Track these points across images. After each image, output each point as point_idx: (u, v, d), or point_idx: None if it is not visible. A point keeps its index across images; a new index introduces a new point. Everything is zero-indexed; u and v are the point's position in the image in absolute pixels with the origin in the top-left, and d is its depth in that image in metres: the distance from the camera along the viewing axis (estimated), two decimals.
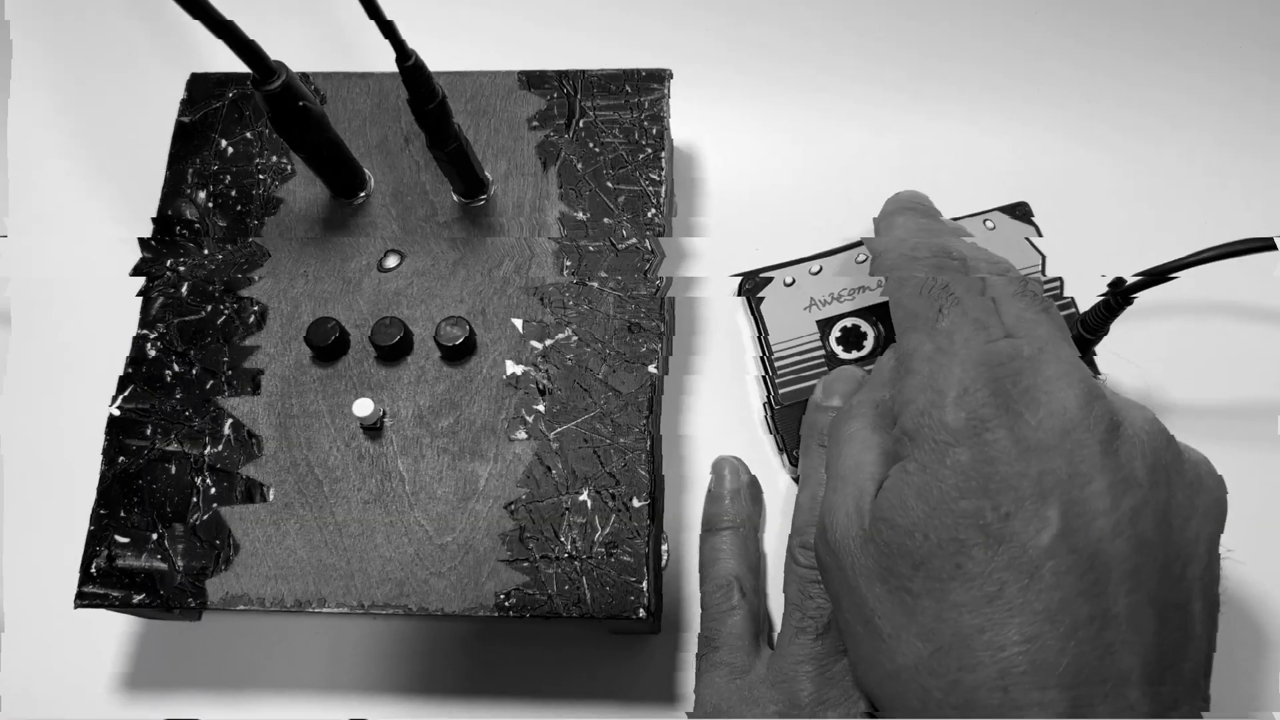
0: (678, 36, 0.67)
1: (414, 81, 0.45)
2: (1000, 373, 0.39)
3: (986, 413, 0.38)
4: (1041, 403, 0.38)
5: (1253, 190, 0.62)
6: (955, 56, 0.66)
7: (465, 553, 0.47)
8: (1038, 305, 0.42)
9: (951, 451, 0.38)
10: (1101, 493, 0.37)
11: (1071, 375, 0.39)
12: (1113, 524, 0.37)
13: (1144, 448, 0.38)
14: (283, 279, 0.52)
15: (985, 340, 0.40)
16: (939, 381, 0.40)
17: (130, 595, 0.47)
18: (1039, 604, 0.36)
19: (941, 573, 0.38)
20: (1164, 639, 0.37)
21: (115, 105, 0.68)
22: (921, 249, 0.45)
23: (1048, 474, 0.37)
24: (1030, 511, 0.37)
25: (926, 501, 0.38)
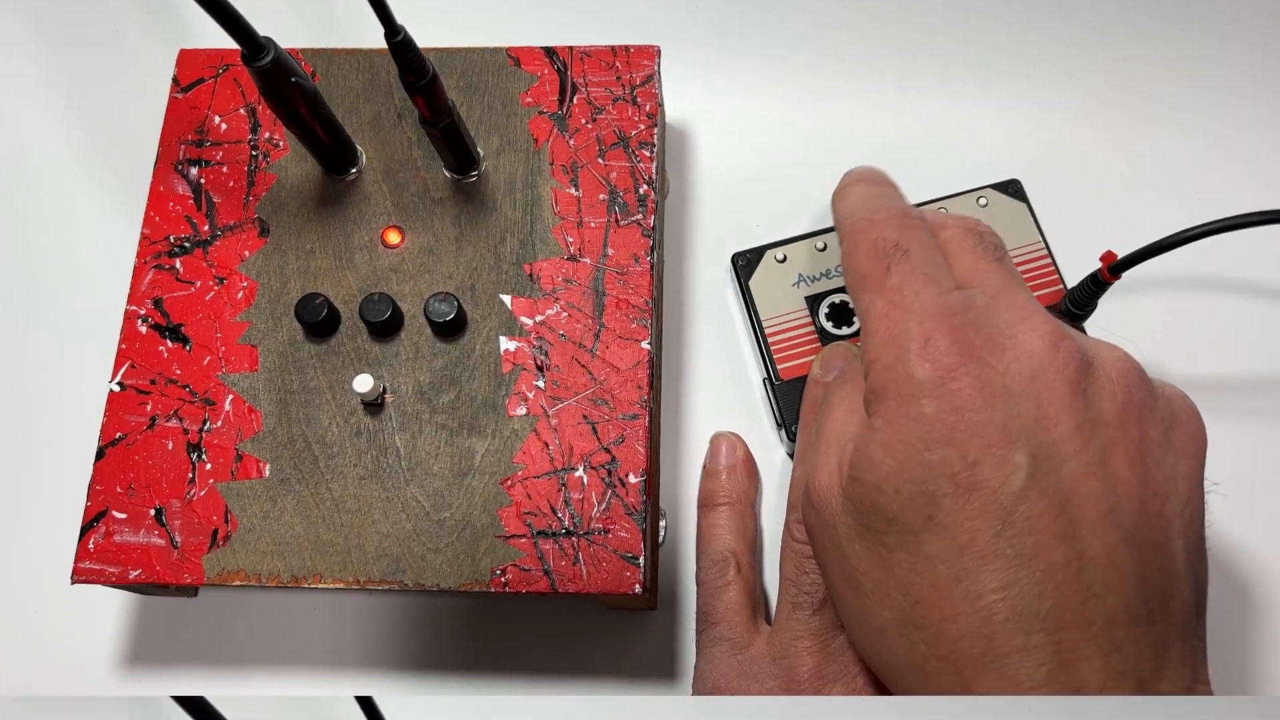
0: (669, 15, 0.67)
1: (403, 58, 0.45)
2: (958, 321, 0.39)
3: (950, 361, 0.38)
4: (1006, 347, 0.38)
5: (1244, 167, 0.62)
6: (948, 34, 0.66)
7: (462, 528, 0.47)
8: (990, 255, 0.43)
9: (917, 403, 0.38)
10: (1070, 434, 0.37)
11: (1032, 318, 0.39)
12: (1084, 465, 0.37)
13: (1114, 386, 0.38)
14: (273, 255, 0.52)
15: (937, 292, 0.40)
16: (898, 335, 0.40)
17: (127, 571, 0.48)
18: (1011, 549, 0.36)
19: (914, 525, 0.38)
20: (1145, 578, 0.36)
21: (104, 82, 0.68)
22: (880, 211, 0.45)
23: (1014, 419, 0.37)
24: (998, 457, 0.37)
25: (893, 455, 0.38)
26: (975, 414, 0.37)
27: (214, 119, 0.55)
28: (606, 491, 0.48)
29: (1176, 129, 0.63)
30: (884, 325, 0.40)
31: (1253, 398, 0.57)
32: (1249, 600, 0.54)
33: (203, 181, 0.54)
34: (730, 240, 0.60)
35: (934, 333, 0.39)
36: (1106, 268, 0.50)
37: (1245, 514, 0.55)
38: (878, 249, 0.43)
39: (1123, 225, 0.60)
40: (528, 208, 0.53)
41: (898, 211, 0.44)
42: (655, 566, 0.52)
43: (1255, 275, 0.59)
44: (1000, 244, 0.44)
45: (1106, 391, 0.38)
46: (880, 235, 0.43)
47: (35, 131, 0.67)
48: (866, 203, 0.46)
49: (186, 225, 0.53)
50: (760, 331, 0.56)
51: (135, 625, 0.56)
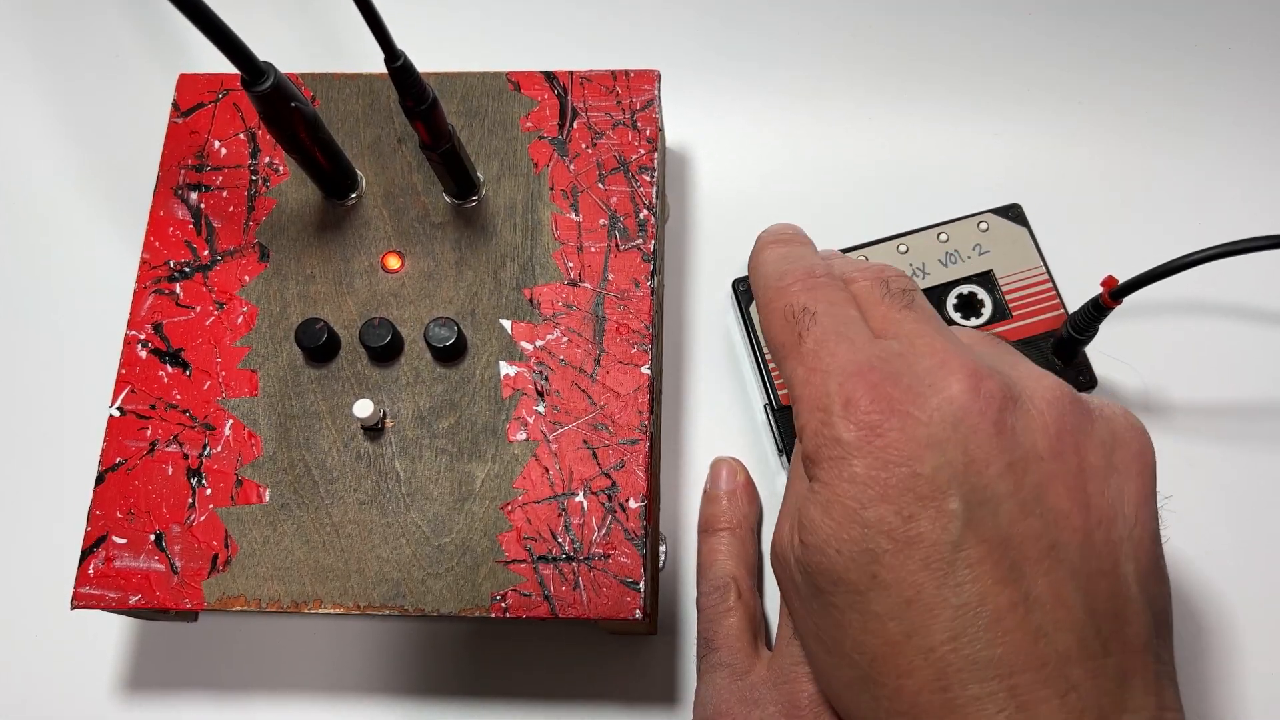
0: (669, 40, 0.68)
1: (403, 82, 0.45)
2: (875, 377, 0.39)
3: (874, 419, 0.38)
4: (927, 395, 0.38)
5: (1246, 190, 0.62)
6: (948, 59, 0.66)
7: (462, 553, 0.47)
8: (900, 302, 0.42)
9: (847, 464, 0.38)
10: (1002, 474, 0.37)
11: (950, 362, 0.39)
12: (1019, 504, 0.36)
13: (1043, 418, 0.38)
14: (273, 280, 0.52)
15: (851, 350, 0.40)
16: (820, 399, 0.40)
17: (127, 596, 0.47)
18: (956, 599, 0.36)
19: (859, 584, 0.37)
20: (1095, 609, 0.36)
21: (104, 107, 0.68)
22: (786, 275, 0.45)
23: (943, 467, 0.37)
24: (933, 509, 0.36)
25: (832, 517, 0.38)
26: (904, 468, 0.37)
27: (214, 144, 0.55)
28: (607, 516, 0.48)
29: (1177, 152, 0.63)
30: (807, 391, 0.40)
31: (1254, 422, 0.57)
32: (1250, 624, 0.54)
33: (203, 206, 0.54)
34: (730, 265, 0.60)
35: (853, 392, 0.39)
36: (1107, 293, 0.50)
37: (1246, 539, 0.55)
38: (787, 316, 0.43)
39: (1123, 249, 0.60)
40: (528, 232, 0.53)
41: (803, 272, 0.44)
42: (655, 591, 0.52)
43: (1256, 299, 0.59)
44: (909, 287, 0.43)
45: (1037, 425, 0.38)
46: (788, 303, 0.43)
47: (35, 156, 0.67)
48: (776, 267, 0.46)
49: (186, 250, 0.53)
50: (761, 357, 0.56)
51: (135, 651, 0.55)
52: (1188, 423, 0.57)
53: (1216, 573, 0.55)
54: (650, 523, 0.48)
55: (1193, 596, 0.54)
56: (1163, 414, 0.57)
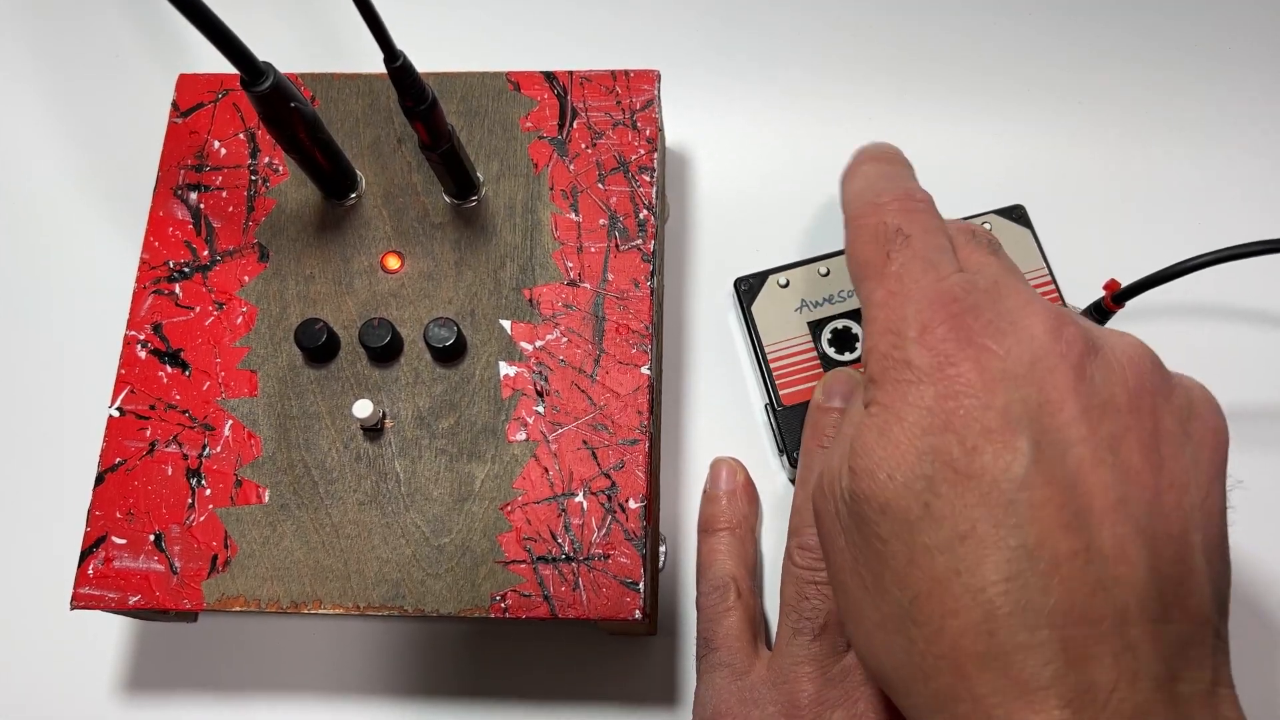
0: (668, 40, 0.68)
1: (403, 83, 0.45)
2: (957, 308, 0.37)
3: (949, 348, 0.37)
4: (1007, 332, 0.37)
5: (1249, 192, 0.62)
6: (947, 58, 0.66)
7: (462, 554, 0.47)
8: (988, 248, 0.42)
9: (915, 389, 0.37)
10: (1076, 419, 0.35)
11: (1034, 303, 0.38)
12: (1091, 451, 0.35)
13: (1124, 372, 0.37)
14: (273, 280, 0.52)
15: (936, 279, 0.39)
16: (896, 323, 0.38)
17: (127, 597, 0.47)
18: (1014, 539, 0.34)
19: (909, 514, 0.36)
20: (1160, 572, 0.34)
21: (104, 107, 0.68)
22: (885, 194, 0.43)
23: (1016, 404, 0.35)
24: (999, 443, 0.35)
25: (888, 441, 0.37)
26: (975, 399, 0.36)
27: (213, 144, 0.55)
28: (606, 517, 0.48)
29: (1179, 153, 0.63)
30: (883, 314, 0.39)
31: (1257, 426, 0.57)
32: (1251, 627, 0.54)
33: (202, 206, 0.54)
34: (730, 264, 0.60)
35: (932, 319, 0.37)
36: (1110, 296, 0.50)
37: (1247, 540, 0.55)
38: (878, 235, 0.42)
39: (1126, 250, 0.60)
40: (527, 233, 0.53)
41: (903, 193, 0.43)
42: (655, 592, 0.52)
43: (1259, 303, 0.59)
44: (995, 241, 0.43)
45: (1116, 377, 0.37)
46: (882, 221, 0.42)
47: (35, 156, 0.67)
48: (872, 184, 0.45)
49: (186, 250, 0.53)
50: (762, 356, 0.56)
51: (135, 651, 0.55)
52: None
53: None
54: (650, 523, 0.48)
55: None
56: None
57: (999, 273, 0.40)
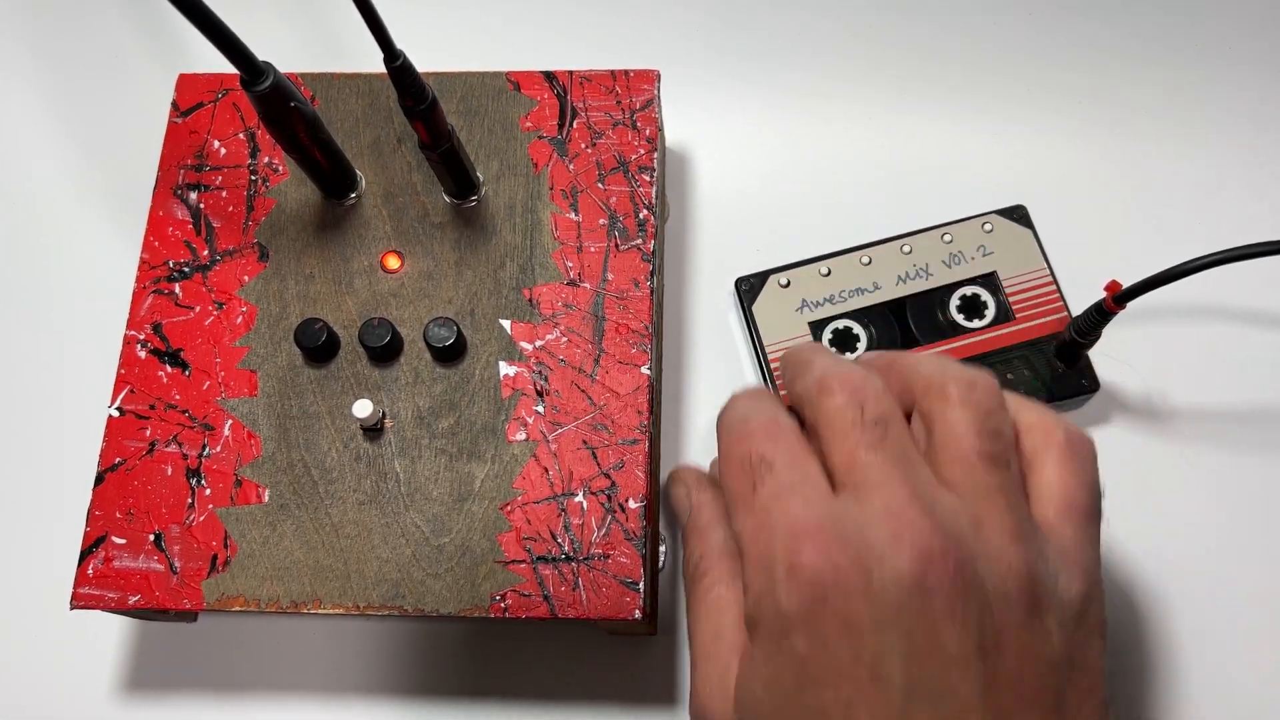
0: (668, 40, 0.68)
1: (402, 82, 0.45)
2: (822, 540, 0.37)
3: (814, 593, 0.36)
4: (873, 569, 0.36)
5: (1252, 192, 0.62)
6: (948, 58, 0.66)
7: (462, 554, 0.47)
8: (870, 437, 0.39)
9: (787, 641, 0.37)
10: (948, 666, 0.35)
11: (903, 532, 0.36)
12: (965, 700, 0.35)
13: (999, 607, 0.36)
14: (273, 280, 0.52)
15: (802, 507, 0.38)
16: (766, 560, 0.38)
17: (126, 597, 0.47)
18: None
19: None
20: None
21: (104, 107, 0.68)
22: (750, 421, 0.43)
23: (886, 653, 0.35)
24: (873, 698, 0.35)
25: (773, 696, 0.37)
26: (845, 652, 0.36)
27: (213, 144, 0.55)
28: (606, 517, 0.47)
29: (1181, 154, 0.63)
30: (754, 549, 0.39)
31: (1257, 427, 0.57)
32: (1251, 629, 0.54)
33: (202, 206, 0.54)
34: (731, 264, 0.60)
35: (799, 555, 0.37)
36: (1111, 297, 0.50)
37: (1247, 542, 0.55)
38: (744, 465, 0.41)
39: (1127, 250, 0.60)
40: (527, 232, 0.52)
41: (768, 420, 0.43)
42: (655, 592, 0.52)
43: (1261, 304, 0.59)
44: (884, 415, 0.40)
45: (987, 614, 0.36)
46: (747, 450, 0.42)
47: (34, 156, 0.67)
48: (741, 412, 0.44)
49: (186, 250, 0.53)
50: (763, 356, 0.56)
51: (134, 651, 0.55)
52: (1190, 427, 0.57)
53: (1217, 575, 0.54)
54: (650, 523, 0.48)
55: (1193, 599, 0.54)
56: (1165, 418, 0.57)
57: (875, 481, 0.38)
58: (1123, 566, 0.55)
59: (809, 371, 0.43)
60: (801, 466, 0.40)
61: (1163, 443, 0.57)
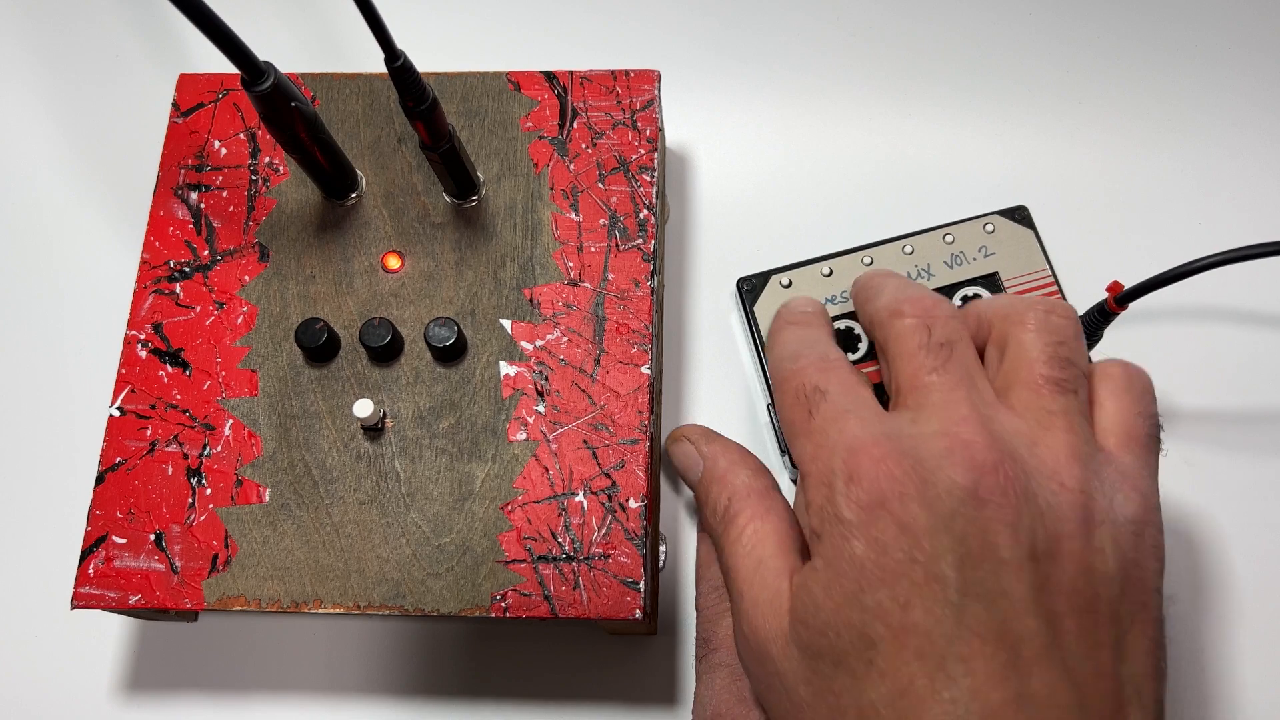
0: (669, 40, 0.68)
1: (403, 82, 0.45)
2: (878, 453, 0.39)
3: (872, 500, 0.38)
4: (930, 480, 0.38)
5: (1253, 193, 0.62)
6: (948, 58, 0.66)
7: (462, 553, 0.47)
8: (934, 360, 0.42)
9: (848, 545, 0.38)
10: (1000, 569, 0.36)
11: (958, 448, 0.38)
12: (1017, 602, 0.36)
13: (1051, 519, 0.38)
14: (273, 280, 0.52)
15: (859, 427, 0.40)
16: (826, 475, 0.40)
17: (127, 596, 0.47)
18: (948, 693, 0.35)
19: (856, 670, 0.37)
20: (1091, 711, 0.36)
21: (104, 107, 0.68)
22: (801, 356, 0.46)
23: (940, 556, 0.37)
24: (929, 598, 0.36)
25: (833, 598, 0.38)
26: (902, 553, 0.37)
27: (214, 144, 0.55)
28: (607, 516, 0.48)
29: (1182, 155, 0.63)
30: (814, 468, 0.41)
31: (1259, 428, 0.57)
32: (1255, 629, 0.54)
33: (202, 206, 0.54)
34: (731, 264, 0.60)
35: (857, 468, 0.39)
36: (1113, 298, 0.50)
37: (1250, 544, 0.55)
38: (799, 396, 0.44)
39: (1129, 251, 0.60)
40: (528, 232, 0.53)
41: (818, 356, 0.45)
42: (655, 592, 0.52)
43: (1262, 305, 0.59)
44: (951, 338, 0.43)
45: (1042, 525, 0.38)
46: (801, 382, 0.44)
47: (35, 156, 0.67)
48: (791, 348, 0.47)
49: (186, 250, 0.53)
50: (764, 356, 0.56)
51: (135, 651, 0.55)
52: (1192, 428, 0.57)
53: (1218, 575, 0.55)
54: (650, 523, 0.48)
55: (1194, 599, 0.54)
56: (1167, 419, 0.57)
57: (936, 403, 0.41)
58: None
59: (880, 295, 0.46)
60: (854, 393, 0.43)
61: (1166, 444, 0.57)
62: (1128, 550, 0.39)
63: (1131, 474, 0.41)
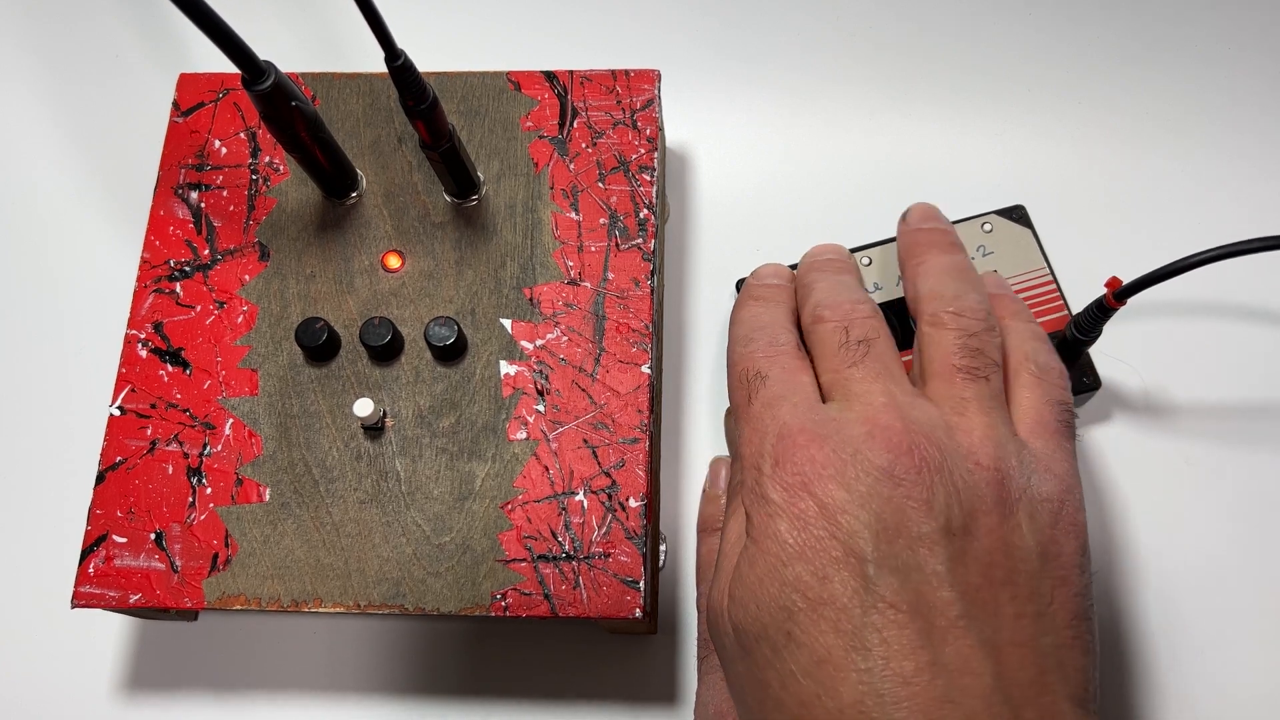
0: (668, 40, 0.68)
1: (403, 82, 0.45)
2: (803, 440, 0.41)
3: (796, 482, 0.40)
4: (848, 462, 0.40)
5: (1250, 190, 0.62)
6: (947, 58, 0.66)
7: (462, 553, 0.47)
8: (853, 356, 0.44)
9: (773, 524, 0.40)
10: (914, 544, 0.38)
11: (877, 432, 0.40)
12: (930, 575, 0.38)
13: (964, 495, 0.39)
14: (274, 279, 0.52)
15: (790, 413, 0.42)
16: (756, 459, 0.42)
17: (127, 595, 0.47)
18: (864, 663, 0.37)
19: (777, 642, 0.39)
20: (1007, 678, 0.37)
21: (105, 107, 0.68)
22: (753, 341, 0.47)
23: (858, 533, 0.38)
24: (846, 571, 0.38)
25: (757, 573, 0.40)
26: (821, 529, 0.39)
27: (214, 143, 0.55)
28: (607, 516, 0.48)
29: (1179, 152, 0.63)
30: (747, 450, 0.43)
31: (1257, 423, 0.57)
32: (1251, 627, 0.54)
33: (203, 206, 0.54)
34: (731, 264, 0.60)
35: (784, 452, 0.41)
36: (1111, 294, 0.50)
37: (1247, 541, 0.55)
38: (743, 379, 0.46)
39: (1126, 249, 0.60)
40: (528, 232, 0.53)
41: (766, 341, 0.47)
42: (656, 591, 0.52)
43: (1260, 300, 0.59)
44: (868, 335, 0.45)
45: (956, 500, 0.39)
46: (745, 367, 0.46)
47: (36, 156, 0.67)
48: (746, 330, 0.48)
49: (187, 249, 0.53)
50: None
51: (135, 650, 0.55)
52: (1190, 424, 0.57)
53: (1218, 575, 0.55)
54: (650, 522, 0.48)
55: (1191, 596, 0.54)
56: (1165, 415, 0.57)
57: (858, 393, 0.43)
58: (1124, 563, 0.55)
59: (809, 297, 0.48)
60: (793, 380, 0.45)
61: (1164, 440, 0.57)
62: (1045, 527, 0.40)
63: (1044, 457, 0.43)
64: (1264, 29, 0.66)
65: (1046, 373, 0.46)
